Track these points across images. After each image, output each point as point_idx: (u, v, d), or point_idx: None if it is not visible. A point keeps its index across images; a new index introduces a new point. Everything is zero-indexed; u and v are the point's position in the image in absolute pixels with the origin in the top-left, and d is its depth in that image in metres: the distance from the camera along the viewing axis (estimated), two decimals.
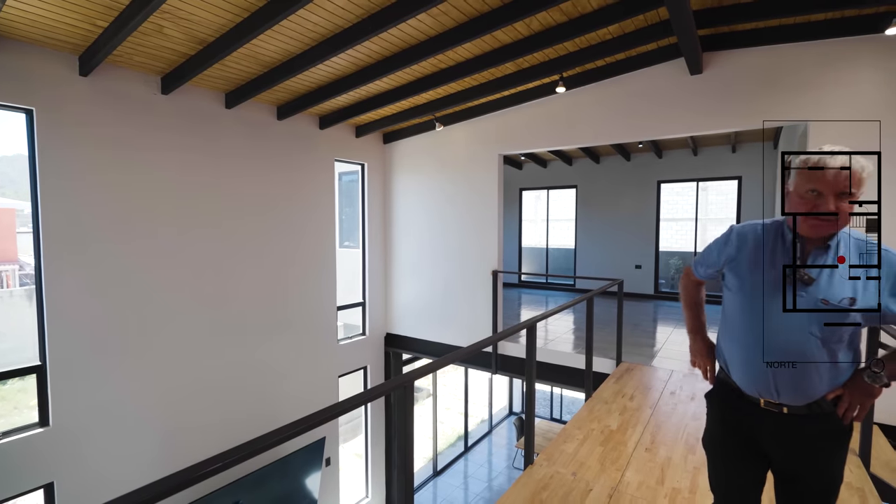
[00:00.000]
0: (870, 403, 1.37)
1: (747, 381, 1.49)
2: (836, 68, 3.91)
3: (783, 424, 1.43)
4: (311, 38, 3.79)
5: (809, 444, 1.41)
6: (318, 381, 6.15)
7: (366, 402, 1.65)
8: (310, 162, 5.98)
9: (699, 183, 8.85)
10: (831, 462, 1.41)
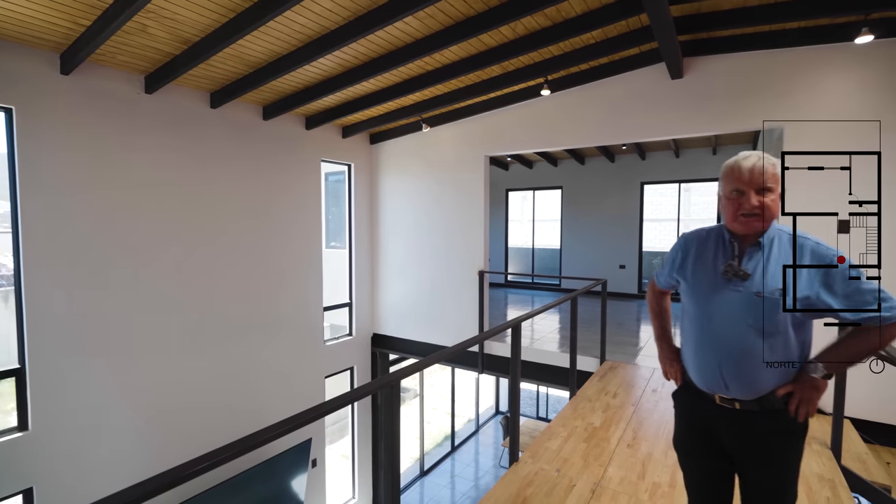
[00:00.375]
0: (817, 397, 1.39)
1: (700, 378, 1.56)
2: (809, 75, 4.05)
3: (737, 420, 1.49)
4: (297, 40, 3.79)
5: (762, 440, 1.45)
6: (304, 382, 6.13)
7: (352, 402, 1.67)
8: (296, 162, 5.96)
9: (681, 184, 9.03)
10: (785, 459, 1.45)
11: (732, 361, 1.46)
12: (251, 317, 5.46)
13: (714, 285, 1.50)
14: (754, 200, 1.41)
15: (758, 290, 1.41)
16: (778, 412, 1.43)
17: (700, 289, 1.54)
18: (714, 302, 1.50)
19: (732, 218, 1.46)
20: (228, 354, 5.23)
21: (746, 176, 1.42)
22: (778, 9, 3.59)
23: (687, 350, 1.61)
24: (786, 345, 1.41)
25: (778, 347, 1.41)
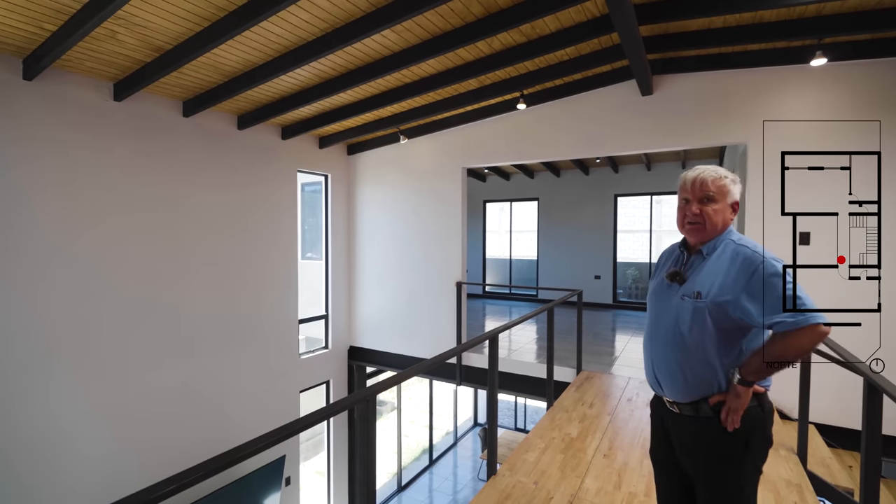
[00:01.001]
0: (740, 405, 1.39)
1: (647, 376, 1.65)
2: (769, 94, 4.26)
3: (678, 424, 1.54)
4: (273, 50, 3.76)
5: (700, 446, 1.47)
6: (278, 397, 5.97)
7: (328, 417, 1.63)
8: (272, 172, 5.87)
9: (653, 196, 9.30)
10: (724, 469, 1.43)
11: (660, 360, 1.55)
12: (223, 330, 5.31)
13: (660, 289, 1.61)
14: (695, 209, 1.49)
15: (684, 292, 1.49)
16: (709, 419, 1.45)
17: (652, 293, 1.66)
18: (656, 305, 1.61)
19: (680, 226, 1.56)
20: (199, 369, 5.05)
21: (690, 186, 1.51)
22: (739, 31, 3.77)
23: (642, 349, 1.70)
24: (715, 350, 1.43)
25: (702, 351, 1.44)
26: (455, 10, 3.40)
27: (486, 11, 3.46)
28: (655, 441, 1.69)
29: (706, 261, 1.50)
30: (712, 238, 1.50)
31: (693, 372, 1.47)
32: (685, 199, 1.54)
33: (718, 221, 1.48)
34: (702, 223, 1.48)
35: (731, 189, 1.50)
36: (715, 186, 1.48)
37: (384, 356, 6.88)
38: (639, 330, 7.35)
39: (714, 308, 1.42)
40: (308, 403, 6.58)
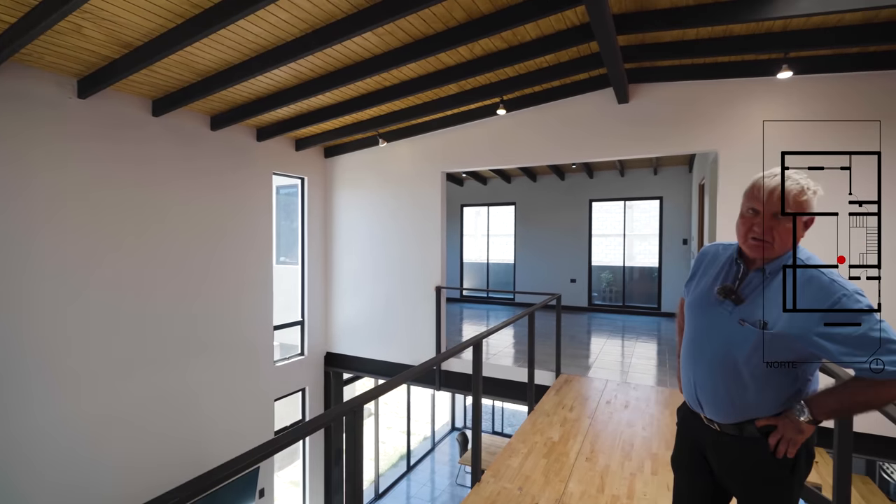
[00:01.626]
0: (798, 439, 1.29)
1: (684, 393, 1.54)
2: (739, 104, 4.43)
3: (719, 442, 1.44)
4: (250, 50, 3.66)
5: (741, 466, 1.39)
6: (252, 406, 5.79)
7: (313, 431, 1.57)
8: (246, 175, 5.71)
9: (626, 202, 9.52)
10: (771, 490, 1.37)
11: (706, 382, 1.42)
12: (195, 337, 5.11)
13: (708, 303, 1.43)
14: (767, 224, 1.28)
15: (742, 317, 1.33)
16: (755, 440, 1.35)
17: (696, 304, 1.48)
18: (703, 319, 1.44)
19: (742, 239, 1.36)
20: (169, 378, 4.84)
21: (765, 197, 1.28)
22: (711, 43, 3.90)
23: (681, 364, 1.57)
24: (767, 378, 1.32)
25: (756, 380, 1.33)
26: (438, 14, 3.39)
27: (469, 17, 3.46)
28: (684, 450, 1.59)
29: (770, 281, 1.31)
30: (780, 256, 1.31)
31: (742, 400, 1.36)
32: (753, 210, 1.31)
33: (789, 242, 1.29)
34: (771, 242, 1.29)
35: (812, 204, 1.28)
36: (795, 202, 1.26)
37: (362, 362, 6.77)
38: (614, 333, 7.49)
39: (780, 341, 1.27)
40: (283, 412, 6.40)
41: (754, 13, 3.23)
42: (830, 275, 1.23)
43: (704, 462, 1.51)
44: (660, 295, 9.09)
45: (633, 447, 3.35)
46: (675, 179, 8.96)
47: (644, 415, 3.93)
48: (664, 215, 9.07)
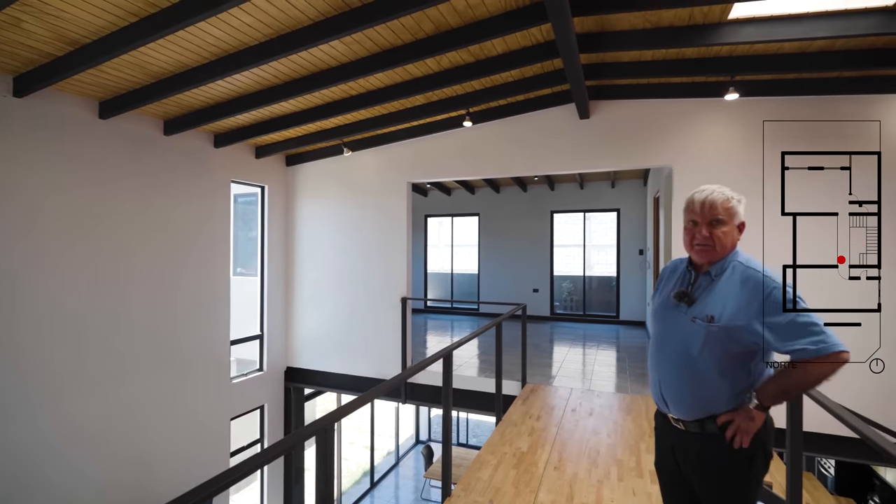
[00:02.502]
0: (751, 427, 1.42)
1: (653, 394, 1.65)
2: (691, 122, 4.69)
3: (684, 441, 1.55)
4: (210, 53, 3.52)
5: (705, 464, 1.49)
6: (206, 426, 5.46)
7: (276, 458, 1.48)
8: (202, 182, 5.45)
9: (585, 213, 9.84)
10: (730, 485, 1.47)
11: (668, 380, 1.54)
12: (143, 353, 4.78)
13: (667, 308, 1.59)
14: (704, 232, 1.48)
15: (694, 315, 1.48)
16: (716, 437, 1.46)
17: (658, 311, 1.63)
18: (664, 323, 1.59)
19: (689, 247, 1.55)
20: (113, 397, 4.49)
21: (699, 208, 1.49)
22: (666, 65, 4.12)
23: (648, 367, 1.69)
24: (721, 371, 1.45)
25: (710, 372, 1.46)
26: (406, 25, 3.39)
27: (437, 29, 3.49)
28: (660, 455, 1.69)
29: (715, 282, 1.49)
30: (721, 258, 1.50)
31: (701, 393, 1.48)
32: (693, 221, 1.52)
33: (728, 244, 1.48)
34: (711, 245, 1.48)
35: (738, 210, 1.50)
36: (723, 209, 1.47)
37: (324, 377, 6.56)
38: (575, 341, 7.66)
39: (726, 332, 1.42)
40: (240, 431, 6.09)
41: (703, 38, 3.44)
42: (764, 272, 1.43)
43: (677, 465, 1.60)
44: (618, 303, 9.40)
45: (599, 454, 3.41)
46: (631, 192, 9.35)
47: (608, 422, 4.01)
48: (621, 226, 9.43)
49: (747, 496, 1.48)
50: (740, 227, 1.52)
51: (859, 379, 3.67)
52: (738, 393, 1.47)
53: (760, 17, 3.26)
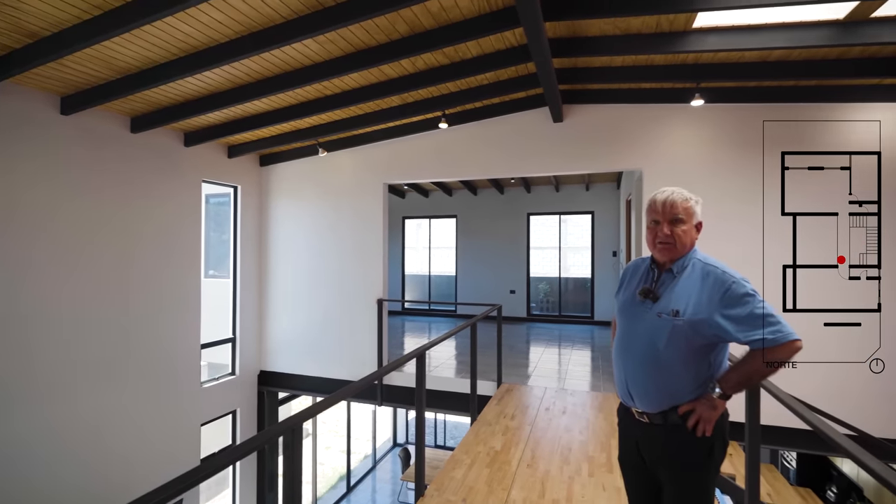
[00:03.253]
0: (713, 415, 1.49)
1: (618, 390, 1.70)
2: (660, 127, 4.83)
3: (648, 433, 1.60)
4: (180, 49, 3.44)
5: (669, 454, 1.55)
6: (175, 432, 5.30)
7: (242, 457, 1.46)
8: (172, 182, 5.31)
9: (561, 216, 9.99)
10: (691, 474, 1.52)
11: (635, 374, 1.59)
12: (111, 357, 4.61)
13: (632, 305, 1.64)
14: (666, 230, 1.56)
15: (659, 310, 1.55)
16: (678, 427, 1.52)
17: (623, 308, 1.69)
18: (629, 320, 1.64)
19: (652, 246, 1.62)
20: (80, 403, 4.32)
21: (660, 208, 1.57)
22: (635, 71, 4.24)
23: (613, 363, 1.74)
24: (685, 363, 1.51)
25: (675, 365, 1.52)
26: (380, 26, 3.40)
27: (412, 30, 3.50)
28: (624, 448, 1.74)
29: (677, 279, 1.56)
30: (681, 256, 1.58)
31: (666, 385, 1.54)
32: (655, 221, 1.59)
33: (687, 241, 1.57)
34: (672, 243, 1.55)
35: (696, 210, 1.58)
36: (683, 208, 1.56)
37: (299, 380, 6.47)
38: (551, 341, 7.76)
39: (690, 326, 1.48)
40: (211, 438, 5.94)
41: (670, 46, 3.56)
42: (722, 268, 1.52)
43: (641, 458, 1.65)
44: (593, 304, 9.57)
45: (571, 451, 3.47)
46: (604, 195, 9.55)
47: (581, 419, 4.09)
48: (595, 229, 9.61)
49: (708, 483, 1.55)
50: (698, 227, 1.61)
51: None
52: (700, 384, 1.54)
53: (723, 27, 3.39)
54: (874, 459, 1.31)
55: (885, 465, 1.29)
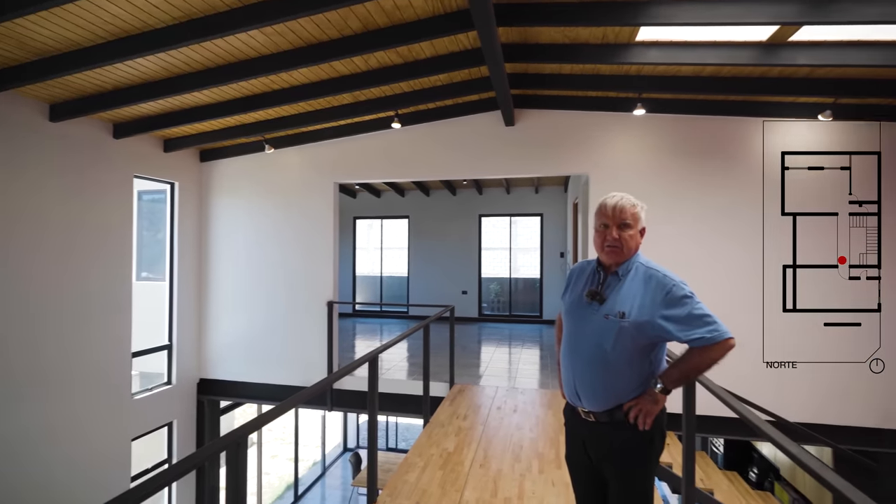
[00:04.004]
0: (654, 409, 1.57)
1: (565, 391, 1.74)
2: (606, 134, 5.05)
3: (594, 432, 1.65)
4: (108, 32, 3.17)
5: (611, 451, 1.61)
6: (103, 449, 4.86)
7: (177, 478, 1.34)
8: (98, 176, 4.87)
9: (511, 217, 10.21)
10: (635, 466, 1.60)
11: (583, 375, 1.64)
12: (29, 368, 4.15)
13: (579, 306, 1.68)
14: (614, 234, 1.61)
15: (606, 312, 1.60)
16: (623, 424, 1.59)
17: (570, 309, 1.72)
18: (577, 321, 1.68)
19: (599, 248, 1.67)
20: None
21: (610, 212, 1.63)
22: (583, 79, 4.41)
23: (561, 364, 1.77)
24: (629, 363, 1.58)
25: (621, 364, 1.58)
26: (332, 21, 3.30)
27: (364, 28, 3.43)
28: (571, 447, 1.78)
29: (622, 282, 1.62)
30: (626, 260, 1.64)
31: (612, 384, 1.59)
32: (604, 224, 1.64)
33: (633, 246, 1.63)
34: (619, 247, 1.61)
35: (641, 216, 1.65)
36: (630, 214, 1.62)
37: (244, 387, 6.15)
38: (501, 341, 7.90)
39: (635, 327, 1.55)
40: (144, 452, 5.51)
41: (615, 57, 3.73)
42: (663, 271, 1.60)
43: (588, 456, 1.70)
44: (541, 304, 9.85)
45: (522, 449, 3.53)
46: (553, 198, 9.86)
47: (531, 417, 4.18)
48: (544, 230, 9.91)
49: (650, 473, 1.63)
50: (642, 232, 1.68)
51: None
52: (643, 381, 1.61)
53: (663, 42, 3.59)
54: (789, 441, 1.45)
55: (799, 446, 1.44)
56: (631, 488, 1.61)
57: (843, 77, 3.88)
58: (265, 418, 1.74)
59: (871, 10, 2.72)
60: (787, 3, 2.83)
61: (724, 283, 4.67)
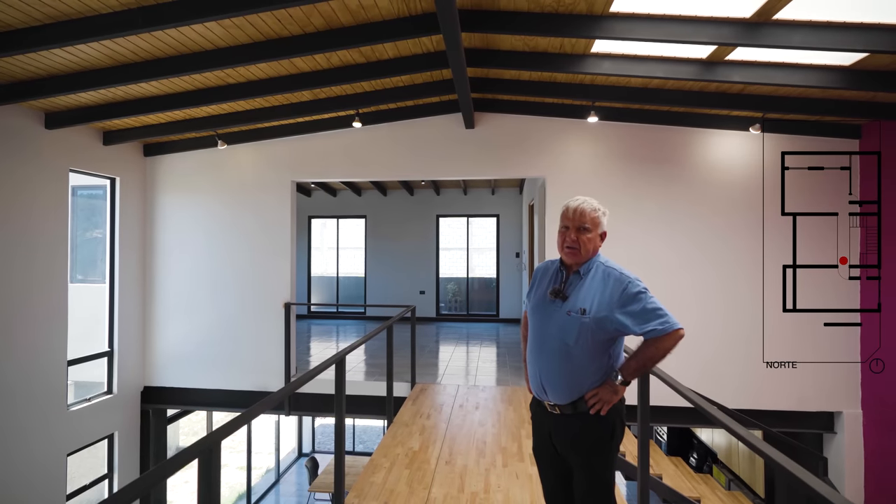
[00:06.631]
0: (612, 399, 1.67)
1: (532, 385, 1.83)
2: (562, 139, 5.26)
3: (559, 423, 1.75)
4: (44, 14, 2.93)
5: (575, 440, 1.70)
6: (35, 465, 4.47)
7: (139, 496, 1.30)
8: (27, 170, 4.48)
9: (468, 218, 10.35)
10: (598, 454, 1.69)
11: (548, 369, 1.73)
12: None
13: (544, 304, 1.77)
14: (573, 236, 1.70)
15: (568, 309, 1.69)
16: (586, 415, 1.68)
17: (535, 308, 1.81)
18: (542, 318, 1.77)
19: (560, 249, 1.76)
20: None
21: (571, 215, 1.71)
22: (541, 86, 4.58)
23: (527, 360, 1.84)
24: (591, 356, 1.69)
25: (583, 358, 1.68)
26: (294, 17, 3.23)
27: (328, 25, 3.39)
28: (538, 439, 1.85)
29: (583, 280, 1.72)
30: (586, 261, 1.73)
31: (575, 377, 1.69)
32: (565, 226, 1.73)
33: (591, 248, 1.72)
34: (577, 248, 1.70)
35: (602, 221, 1.73)
36: (590, 218, 1.70)
37: (193, 394, 5.86)
38: (460, 340, 8.01)
39: (596, 322, 1.65)
40: (82, 467, 5.12)
41: (571, 66, 3.91)
42: (620, 270, 1.71)
43: (553, 448, 1.79)
44: (498, 303, 10.07)
45: (486, 444, 3.63)
46: (509, 199, 10.11)
47: (492, 413, 4.29)
48: (500, 231, 10.13)
49: (611, 460, 1.75)
50: (602, 236, 1.77)
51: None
52: (603, 374, 1.72)
53: (615, 54, 3.81)
54: (739, 426, 1.60)
55: (747, 430, 1.59)
56: (594, 476, 1.71)
57: (772, 94, 4.28)
58: (234, 425, 1.69)
59: (795, 37, 3.04)
60: (724, 25, 3.10)
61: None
